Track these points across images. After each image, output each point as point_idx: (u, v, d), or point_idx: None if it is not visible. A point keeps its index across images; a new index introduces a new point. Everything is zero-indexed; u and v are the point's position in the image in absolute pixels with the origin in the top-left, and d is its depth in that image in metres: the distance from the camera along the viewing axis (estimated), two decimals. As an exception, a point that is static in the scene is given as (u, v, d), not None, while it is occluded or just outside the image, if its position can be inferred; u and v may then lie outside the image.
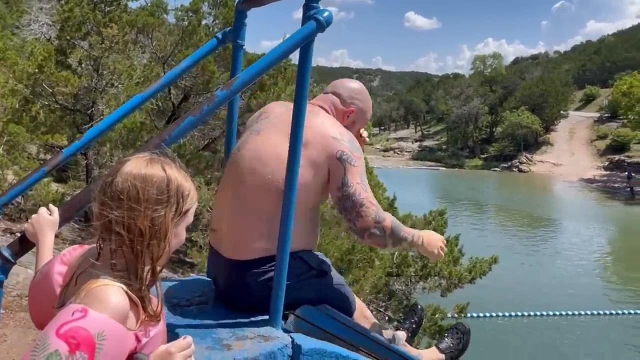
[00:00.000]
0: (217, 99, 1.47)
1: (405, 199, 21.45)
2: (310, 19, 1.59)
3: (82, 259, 1.17)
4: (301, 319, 1.89)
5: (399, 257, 6.96)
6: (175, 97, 9.62)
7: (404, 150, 68.85)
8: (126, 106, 2.05)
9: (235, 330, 1.76)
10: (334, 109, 2.03)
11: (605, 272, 21.53)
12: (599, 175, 43.77)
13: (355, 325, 2.12)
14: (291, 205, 1.70)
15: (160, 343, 1.15)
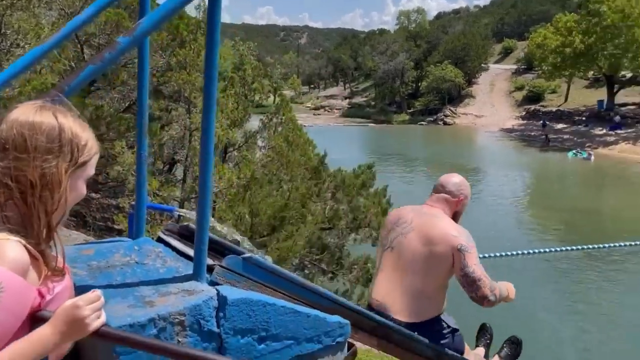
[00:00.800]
0: (120, 46, 1.39)
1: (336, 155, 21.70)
2: (218, -40, 1.52)
3: None
4: (228, 269, 1.89)
5: (330, 211, 7.09)
6: (88, 56, 9.05)
7: (334, 107, 69.13)
8: (17, 64, 1.88)
9: (159, 287, 1.73)
10: (448, 203, 2.78)
11: (523, 214, 23.06)
12: (517, 124, 46.16)
13: (286, 273, 2.15)
14: (207, 177, 1.72)
15: (67, 299, 1.10)
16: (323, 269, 7.47)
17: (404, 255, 2.58)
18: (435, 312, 2.63)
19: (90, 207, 9.98)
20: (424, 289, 2.56)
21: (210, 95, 1.67)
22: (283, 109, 9.45)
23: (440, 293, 2.66)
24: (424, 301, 2.58)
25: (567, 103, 46.38)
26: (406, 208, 2.82)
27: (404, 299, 2.56)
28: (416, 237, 2.57)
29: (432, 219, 2.62)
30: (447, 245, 2.51)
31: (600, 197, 25.50)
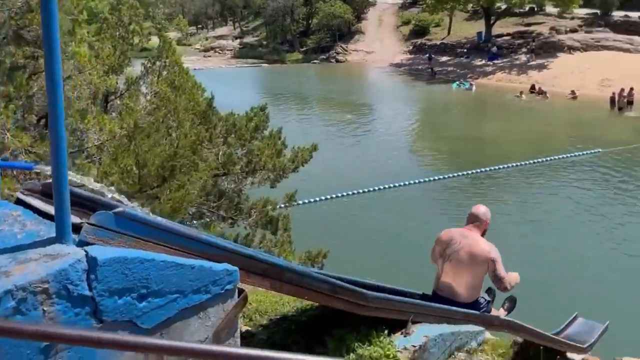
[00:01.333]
0: None
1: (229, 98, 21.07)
2: None
3: None
4: (98, 227, 1.74)
5: (223, 156, 6.91)
6: None
7: (224, 48, 66.49)
8: None
9: (16, 255, 1.56)
10: (480, 227, 4.34)
11: (413, 145, 24.27)
12: (406, 59, 47.57)
13: (167, 225, 2.04)
14: (59, 123, 1.52)
15: None
16: (222, 215, 7.37)
17: (459, 264, 4.15)
18: (478, 295, 4.26)
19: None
20: (472, 283, 4.18)
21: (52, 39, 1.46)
22: (166, 52, 8.87)
23: (480, 284, 4.27)
24: (472, 290, 4.19)
25: (450, 36, 48.38)
26: (452, 231, 4.40)
27: (460, 289, 4.16)
28: (465, 252, 4.14)
29: (473, 240, 4.18)
30: (485, 257, 4.11)
31: (482, 125, 27.41)
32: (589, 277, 11.51)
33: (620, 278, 11.26)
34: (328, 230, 14.47)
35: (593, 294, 10.71)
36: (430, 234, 14.00)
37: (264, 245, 7.57)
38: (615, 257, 12.42)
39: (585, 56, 36.33)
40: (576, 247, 13.00)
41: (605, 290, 10.83)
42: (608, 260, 12.25)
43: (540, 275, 11.80)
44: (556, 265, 12.05)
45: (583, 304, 10.11)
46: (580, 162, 19.58)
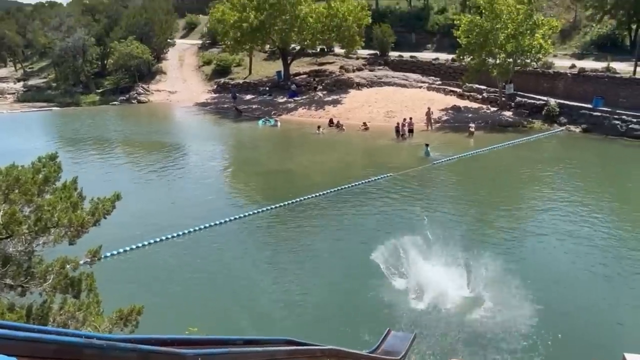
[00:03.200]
0: None
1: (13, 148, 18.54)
2: None
3: None
4: None
5: (5, 216, 5.98)
6: None
7: (5, 92, 59.00)
8: None
9: None
10: None
11: (226, 183, 24.26)
12: (210, 98, 47.75)
13: None
14: None
15: None
16: (9, 284, 6.35)
17: None
18: None
19: None
20: None
21: None
22: None
23: None
24: None
25: (251, 75, 50.10)
26: None
27: None
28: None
29: None
30: None
31: (289, 158, 28.69)
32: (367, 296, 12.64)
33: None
34: (142, 282, 13.55)
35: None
36: (252, 271, 14.01)
37: (65, 312, 6.70)
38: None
39: (371, 91, 40.77)
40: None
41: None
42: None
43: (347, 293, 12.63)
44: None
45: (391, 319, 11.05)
46: (373, 185, 21.67)
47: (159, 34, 56.20)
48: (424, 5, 53.98)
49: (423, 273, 12.73)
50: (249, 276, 13.90)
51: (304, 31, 42.16)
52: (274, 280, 13.75)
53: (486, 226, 17.06)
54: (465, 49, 33.89)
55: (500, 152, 26.82)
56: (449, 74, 41.15)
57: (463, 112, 34.80)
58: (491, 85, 36.12)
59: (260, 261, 14.94)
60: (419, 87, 40.33)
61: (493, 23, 32.07)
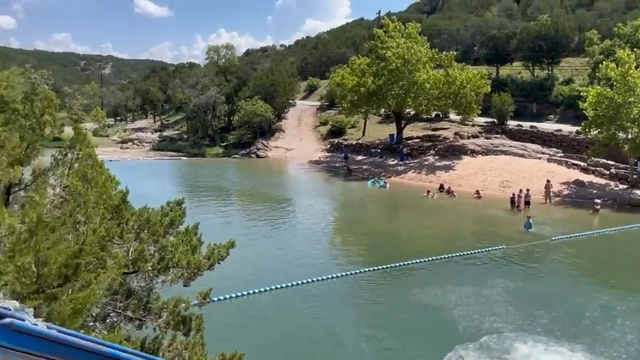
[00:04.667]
0: None
1: (145, 191, 20.47)
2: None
3: None
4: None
5: (134, 253, 6.59)
6: None
7: (143, 141, 65.89)
8: None
9: None
10: None
11: (332, 240, 24.53)
12: (323, 157, 49.44)
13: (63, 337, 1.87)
14: None
15: None
16: (129, 316, 6.87)
17: None
18: None
19: None
20: None
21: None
22: (80, 143, 8.62)
23: None
24: None
25: (364, 137, 51.32)
26: None
27: None
28: None
29: None
30: None
31: (396, 220, 28.45)
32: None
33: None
34: (244, 330, 13.89)
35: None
36: (347, 330, 13.83)
37: (173, 348, 7.08)
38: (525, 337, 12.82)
39: (486, 159, 39.64)
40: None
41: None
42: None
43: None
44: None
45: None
46: (484, 257, 20.61)
47: (282, 94, 59.93)
48: (547, 75, 52.32)
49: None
50: (346, 337, 13.70)
51: (419, 97, 42.65)
52: (371, 347, 13.40)
53: (621, 316, 15.38)
54: (592, 121, 32.05)
55: (631, 234, 24.42)
56: (572, 146, 38.96)
57: (587, 188, 32.46)
58: (620, 160, 33.52)
59: (359, 324, 14.69)
60: (538, 158, 38.47)
61: (625, 96, 30.13)
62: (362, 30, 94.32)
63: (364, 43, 63.58)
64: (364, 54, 52.96)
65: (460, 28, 69.77)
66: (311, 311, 15.38)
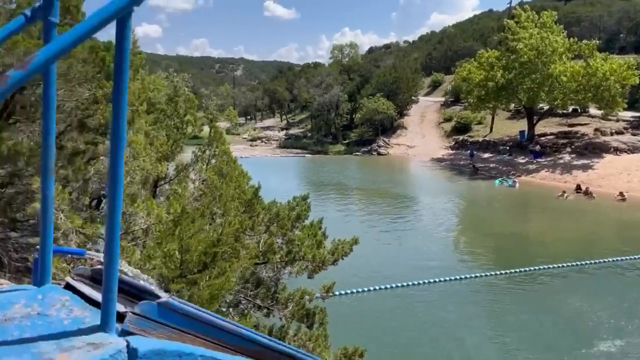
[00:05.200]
0: (10, 80, 1.26)
1: (272, 187, 21.57)
2: (124, -10, 1.44)
3: None
4: (141, 316, 1.75)
5: (265, 244, 6.95)
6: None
7: (270, 139, 69.24)
8: None
9: (61, 342, 1.57)
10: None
11: (455, 241, 23.75)
12: (447, 154, 48.04)
13: (207, 317, 2.03)
14: (116, 217, 1.58)
15: None
16: (258, 304, 7.28)
17: None
18: None
19: (7, 247, 9.28)
20: None
21: (119, 133, 1.57)
22: (217, 141, 9.29)
23: None
24: None
25: (492, 133, 48.92)
26: None
27: None
28: None
29: None
30: None
31: (526, 222, 26.76)
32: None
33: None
34: (365, 326, 13.99)
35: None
36: (470, 334, 13.33)
37: (298, 339, 7.35)
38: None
39: (633, 158, 35.72)
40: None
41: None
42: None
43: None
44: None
45: None
46: (628, 266, 18.59)
47: (404, 91, 59.30)
48: None
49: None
50: (469, 341, 13.21)
51: (554, 90, 39.62)
52: (492, 352, 12.78)
53: None
54: None
55: None
56: None
57: None
58: None
59: (484, 329, 14.09)
60: (699, 156, 33.85)
61: None
62: (491, 22, 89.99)
63: (493, 35, 60.64)
64: (492, 46, 50.51)
65: (603, 14, 63.60)
66: (432, 312, 15.06)
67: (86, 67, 8.25)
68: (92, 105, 8.36)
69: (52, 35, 1.95)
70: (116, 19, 1.47)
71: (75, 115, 8.84)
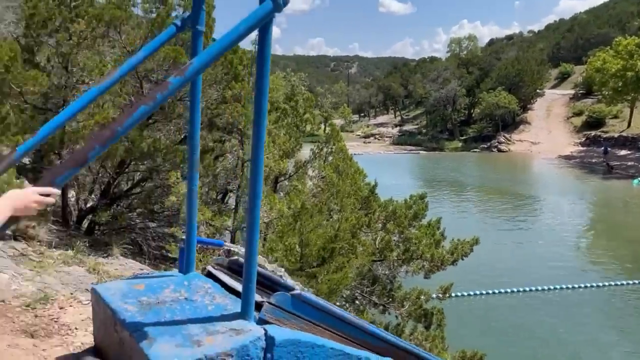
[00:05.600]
0: (171, 86, 1.41)
1: (387, 184, 21.52)
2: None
3: None
4: (276, 307, 1.85)
5: (381, 242, 6.96)
6: (147, 90, 9.44)
7: (384, 135, 69.00)
8: (82, 100, 1.96)
9: (207, 326, 1.71)
10: None
11: (584, 245, 21.92)
12: (577, 151, 44.40)
13: (335, 311, 2.08)
14: (255, 215, 1.70)
15: None
16: (374, 301, 7.31)
17: None
18: None
19: (147, 236, 10.26)
20: None
21: (260, 132, 1.67)
22: (333, 139, 9.48)
23: None
24: None
25: (630, 128, 44.26)
26: None
27: None
28: None
29: None
30: None
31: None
32: None
33: None
34: (483, 329, 13.45)
35: None
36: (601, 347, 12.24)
37: (414, 338, 7.27)
38: None
39: None
40: None
41: None
42: None
43: None
44: None
45: None
46: None
47: (528, 84, 55.83)
48: None
49: None
50: (603, 357, 12.14)
51: None
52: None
53: None
54: None
55: None
56: None
57: None
58: None
59: (621, 344, 12.86)
60: None
61: None
62: (630, 6, 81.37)
63: (633, 20, 54.85)
64: (632, 33, 45.70)
65: None
66: (558, 321, 14.05)
67: (215, 69, 8.85)
68: (221, 105, 8.93)
69: (199, 42, 2.13)
70: (259, 26, 1.57)
71: (205, 114, 9.51)
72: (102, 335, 2.01)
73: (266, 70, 1.63)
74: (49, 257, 7.27)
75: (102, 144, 1.32)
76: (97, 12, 8.50)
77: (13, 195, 1.25)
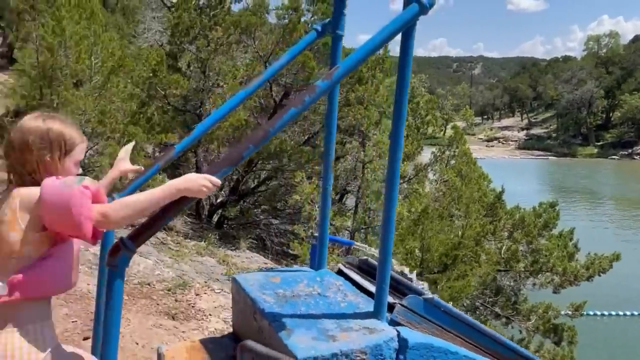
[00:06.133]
0: (319, 89, 1.46)
1: (513, 191, 20.47)
2: (411, 1, 1.53)
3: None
4: (408, 309, 1.84)
5: (507, 251, 6.62)
6: (276, 94, 9.90)
7: (509, 139, 65.54)
8: (231, 102, 2.12)
9: (340, 322, 1.76)
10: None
11: None
12: None
13: (467, 318, 2.03)
14: (391, 218, 1.71)
15: None
16: (497, 312, 6.98)
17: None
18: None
19: (270, 232, 10.77)
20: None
21: (398, 135, 1.68)
22: (457, 142, 9.21)
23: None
24: None
25: None
26: None
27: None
28: None
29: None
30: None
31: None
32: None
33: None
34: (616, 354, 12.23)
35: None
36: None
37: (540, 355, 6.82)
38: None
39: None
40: None
41: None
42: None
43: None
44: None
45: None
46: None
47: (681, 84, 49.72)
48: None
49: None
50: None
51: None
52: None
53: None
54: None
55: None
56: None
57: None
58: None
59: None
60: None
61: None
62: None
63: None
64: None
65: None
66: None
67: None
68: (344, 107, 9.09)
69: (338, 47, 2.19)
70: (403, 30, 1.58)
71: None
72: (240, 322, 2.15)
73: (407, 73, 1.64)
74: (184, 247, 7.94)
75: (256, 144, 1.42)
76: (235, 19, 9.09)
77: (192, 178, 1.38)
